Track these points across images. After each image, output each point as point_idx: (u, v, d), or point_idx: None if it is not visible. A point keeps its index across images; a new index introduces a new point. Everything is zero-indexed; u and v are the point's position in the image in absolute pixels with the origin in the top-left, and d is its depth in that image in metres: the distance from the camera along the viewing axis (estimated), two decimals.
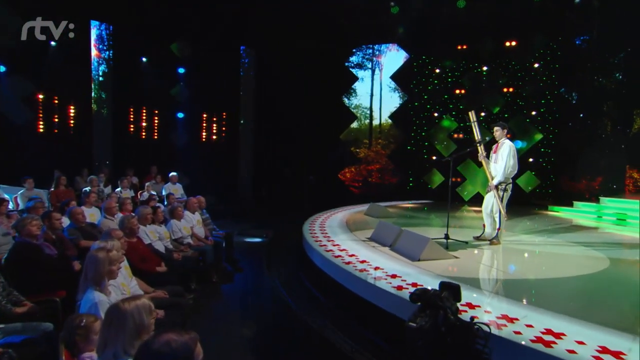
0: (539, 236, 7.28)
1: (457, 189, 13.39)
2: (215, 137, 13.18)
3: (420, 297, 3.06)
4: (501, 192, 6.11)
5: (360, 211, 9.67)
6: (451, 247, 5.70)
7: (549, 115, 12.94)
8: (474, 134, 6.30)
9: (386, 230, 6.26)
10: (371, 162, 18.44)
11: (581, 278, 4.71)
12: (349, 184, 16.87)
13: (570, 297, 4.15)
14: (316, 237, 6.52)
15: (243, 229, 9.18)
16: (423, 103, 14.30)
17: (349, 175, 17.66)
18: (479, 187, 13.20)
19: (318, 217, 8.65)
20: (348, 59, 16.61)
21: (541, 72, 12.87)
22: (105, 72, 12.79)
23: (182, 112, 12.18)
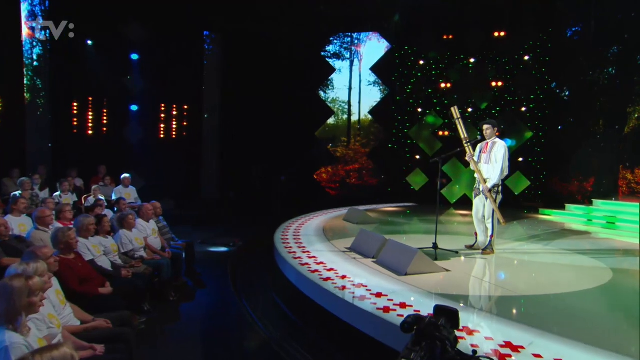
0: (533, 243, 7.26)
1: (443, 191, 13.41)
2: (175, 133, 12.70)
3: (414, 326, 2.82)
4: (494, 195, 6.04)
5: (339, 216, 9.55)
6: (441, 258, 5.60)
7: (539, 111, 13.10)
8: (459, 132, 6.23)
9: (368, 240, 6.08)
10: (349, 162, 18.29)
11: (587, 293, 4.59)
12: (325, 186, 16.72)
13: (578, 316, 4.01)
14: (289, 247, 6.28)
15: (207, 237, 8.92)
16: (406, 97, 14.28)
17: (325, 175, 17.42)
18: (465, 188, 13.23)
19: (292, 223, 8.47)
20: (324, 48, 16.38)
21: (531, 65, 13.00)
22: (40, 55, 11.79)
23: (135, 105, 11.62)
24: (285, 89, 13.55)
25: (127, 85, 11.47)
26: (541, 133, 13.07)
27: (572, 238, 7.95)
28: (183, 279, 5.99)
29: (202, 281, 6.27)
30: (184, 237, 7.03)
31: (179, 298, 5.52)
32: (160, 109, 12.54)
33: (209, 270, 6.74)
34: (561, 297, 4.43)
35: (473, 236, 6.48)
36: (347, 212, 9.35)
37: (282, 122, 13.65)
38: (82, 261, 4.16)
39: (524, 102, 13.18)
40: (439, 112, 13.96)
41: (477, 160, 6.20)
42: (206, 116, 13.52)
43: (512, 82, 13.22)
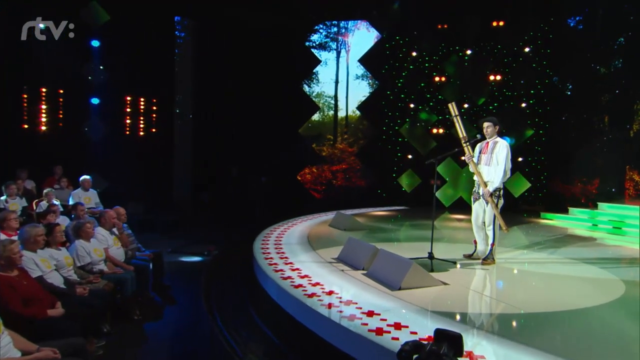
0: (536, 252, 7.22)
1: (436, 193, 13.28)
2: (143, 129, 12.35)
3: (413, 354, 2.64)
4: (496, 199, 5.95)
5: (324, 222, 9.46)
6: (437, 269, 5.51)
7: (540, 107, 13.10)
8: (457, 130, 6.15)
9: (357, 249, 5.94)
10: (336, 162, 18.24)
11: (600, 309, 4.48)
12: (309, 188, 16.70)
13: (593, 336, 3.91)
14: (270, 258, 6.10)
15: (178, 245, 8.76)
16: (397, 92, 14.21)
17: (310, 176, 17.49)
18: (461, 190, 13.23)
19: (273, 230, 8.34)
20: (309, 37, 16.29)
21: (531, 57, 13.02)
22: None
23: (97, 97, 11.22)
24: (265, 82, 13.38)
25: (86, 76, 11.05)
26: (542, 131, 13.09)
27: (578, 245, 7.92)
28: (150, 295, 5.76)
29: (171, 296, 6.06)
30: (152, 247, 6.81)
31: (145, 316, 5.29)
32: (126, 103, 12.16)
33: (180, 284, 6.56)
34: (572, 315, 4.31)
35: (471, 244, 6.39)
36: (333, 217, 9.27)
37: (263, 118, 13.50)
38: (28, 278, 3.88)
39: (523, 98, 13.18)
40: (433, 107, 13.92)
41: (476, 161, 6.11)
42: (177, 111, 13.25)
43: (511, 75, 13.23)
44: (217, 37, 12.91)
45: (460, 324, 3.97)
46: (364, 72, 18.88)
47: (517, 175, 12.86)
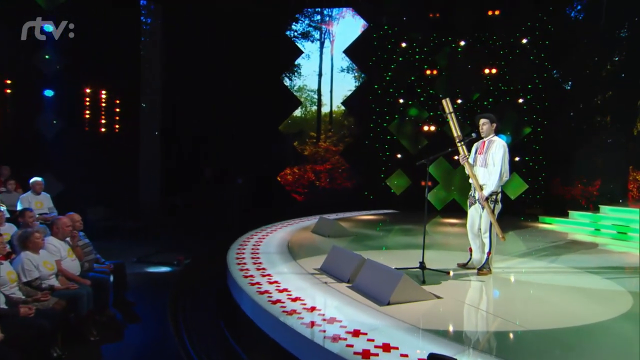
0: (536, 260, 7.20)
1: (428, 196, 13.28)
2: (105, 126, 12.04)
3: None
4: (492, 204, 5.90)
5: (306, 227, 9.46)
6: (429, 281, 5.46)
7: (538, 103, 13.19)
8: (451, 129, 6.12)
9: (342, 259, 5.85)
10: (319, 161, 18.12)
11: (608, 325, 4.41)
12: (291, 190, 16.57)
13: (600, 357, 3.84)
14: (246, 270, 5.97)
15: (145, 254, 8.49)
16: (385, 86, 14.24)
17: (291, 178, 17.25)
18: (455, 192, 13.26)
19: (250, 237, 8.27)
20: (290, 26, 16.09)
21: (529, 49, 13.10)
22: None
23: (51, 89, 10.85)
24: (242, 74, 13.29)
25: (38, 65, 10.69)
26: (540, 128, 13.19)
27: (580, 252, 7.94)
28: (110, 312, 5.52)
29: (134, 313, 5.84)
30: (114, 257, 6.54)
31: (103, 337, 5.05)
32: (85, 95, 11.82)
33: (145, 299, 6.32)
34: (577, 332, 4.24)
35: (466, 252, 6.38)
36: (316, 223, 9.24)
37: (239, 114, 13.41)
38: None
39: (520, 93, 13.27)
40: (424, 103, 13.94)
41: (472, 162, 6.07)
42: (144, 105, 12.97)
43: (508, 69, 13.29)
44: (188, 24, 12.69)
45: (455, 342, 3.88)
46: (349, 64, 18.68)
47: (514, 176, 12.91)
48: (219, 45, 12.87)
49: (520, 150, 13.02)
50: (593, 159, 11.80)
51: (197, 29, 12.67)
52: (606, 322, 4.47)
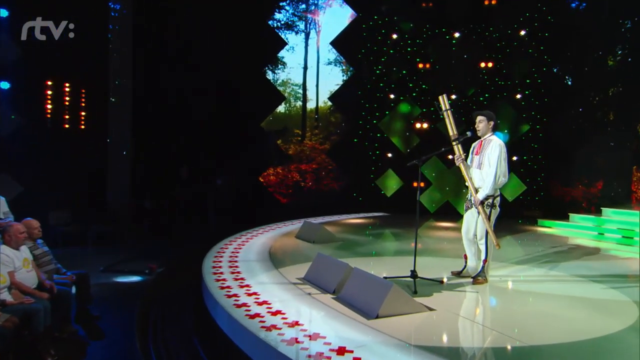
0: (535, 267, 7.19)
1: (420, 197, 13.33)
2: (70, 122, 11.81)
3: None
4: (488, 208, 5.85)
5: (290, 232, 9.48)
6: (421, 291, 5.41)
7: (537, 99, 13.27)
8: (447, 127, 6.08)
9: (327, 268, 5.78)
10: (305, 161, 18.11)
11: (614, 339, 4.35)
12: (274, 191, 16.61)
13: None
14: (223, 280, 5.86)
15: (113, 262, 8.32)
16: (375, 80, 14.27)
17: (274, 178, 17.36)
18: (449, 194, 13.34)
19: (228, 243, 8.23)
20: (273, 15, 16.03)
21: (527, 42, 13.18)
22: None
23: (6, 81, 10.62)
24: (222, 67, 13.19)
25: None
26: (539, 126, 13.29)
27: (582, 258, 7.96)
28: (71, 328, 5.35)
29: (99, 329, 5.62)
30: (79, 266, 6.46)
31: (63, 357, 4.87)
32: (46, 88, 11.56)
33: (112, 312, 6.13)
34: (582, 347, 4.18)
35: (461, 258, 6.34)
36: (300, 227, 9.26)
37: (218, 110, 13.37)
38: None
39: (518, 88, 13.35)
40: (416, 98, 13.97)
41: (469, 163, 6.05)
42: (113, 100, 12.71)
43: (505, 62, 13.36)
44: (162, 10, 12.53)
45: None
46: (336, 56, 18.89)
47: (511, 176, 12.96)
48: (196, 35, 12.74)
49: (518, 149, 13.08)
50: (595, 159, 11.89)
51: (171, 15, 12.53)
52: (612, 336, 4.41)
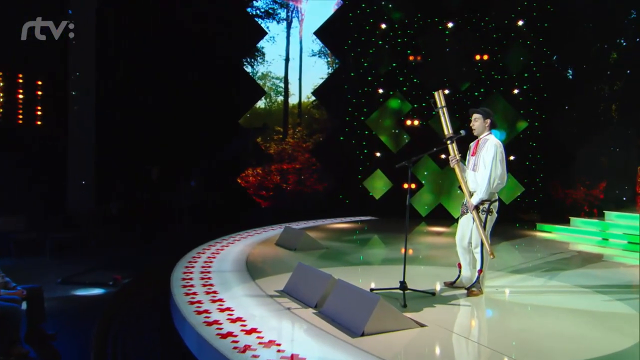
0: (533, 276, 7.19)
1: (411, 200, 13.56)
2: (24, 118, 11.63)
3: None
4: (483, 214, 5.81)
5: (270, 239, 9.39)
6: (411, 304, 5.36)
7: (536, 94, 13.33)
8: (442, 126, 6.05)
9: (309, 279, 5.71)
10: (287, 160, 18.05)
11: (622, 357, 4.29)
12: (253, 194, 16.65)
13: None
14: (193, 293, 5.73)
15: (73, 273, 8.06)
16: (362, 73, 14.28)
17: (254, 180, 17.39)
18: (442, 196, 13.39)
19: (201, 251, 8.13)
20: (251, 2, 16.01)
21: (525, 33, 13.22)
22: None
23: None
24: (195, 58, 13.17)
25: None
26: (538, 123, 13.35)
27: (584, 267, 7.99)
28: (21, 349, 5.14)
29: (54, 349, 5.44)
30: (34, 279, 6.23)
31: None
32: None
33: (69, 330, 5.89)
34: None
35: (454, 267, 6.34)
36: (281, 234, 9.23)
37: (192, 106, 13.32)
38: None
39: (516, 82, 13.40)
40: (407, 93, 13.99)
41: (465, 165, 6.02)
42: (74, 93, 12.53)
43: (501, 55, 13.41)
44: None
45: None
46: (321, 47, 18.92)
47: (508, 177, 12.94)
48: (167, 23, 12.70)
49: (515, 147, 13.12)
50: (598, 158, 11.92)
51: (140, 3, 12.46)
52: (621, 354, 4.36)
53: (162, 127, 13.07)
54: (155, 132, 13.01)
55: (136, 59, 12.62)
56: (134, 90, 12.69)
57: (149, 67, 12.66)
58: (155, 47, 12.79)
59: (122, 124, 12.79)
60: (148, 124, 12.92)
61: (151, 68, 12.57)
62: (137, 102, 12.75)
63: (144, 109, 12.85)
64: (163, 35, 12.70)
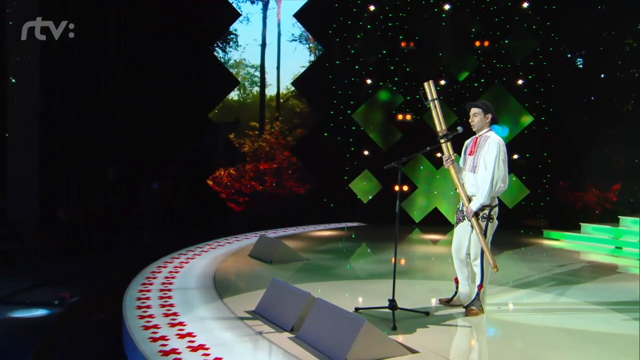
0: (540, 291, 7.16)
1: (402, 204, 13.68)
2: None
3: None
4: (483, 221, 5.74)
5: (243, 250, 9.38)
6: (402, 326, 5.30)
7: (542, 85, 13.39)
8: (434, 122, 5.98)
9: (284, 299, 5.61)
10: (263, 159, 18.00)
11: None
12: (225, 197, 16.65)
13: None
14: (149, 316, 5.59)
15: (10, 291, 7.93)
16: (349, 62, 14.32)
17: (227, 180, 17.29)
18: (437, 200, 13.41)
19: (163, 265, 8.03)
20: None
21: (531, 16, 13.25)
22: None
23: None
24: (158, 44, 13.12)
25: None
26: (544, 117, 13.41)
27: (597, 280, 7.99)
28: None
29: None
30: None
31: None
32: None
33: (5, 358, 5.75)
34: None
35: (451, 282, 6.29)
36: (255, 244, 9.19)
37: (155, 98, 13.27)
38: None
39: (520, 72, 13.44)
40: (398, 84, 14.00)
41: (461, 165, 5.97)
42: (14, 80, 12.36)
43: (504, 41, 13.43)
44: None
45: None
46: (302, 32, 18.83)
47: (511, 178, 13.03)
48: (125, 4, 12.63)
49: (519, 145, 13.18)
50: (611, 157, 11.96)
51: None
52: None
53: (120, 121, 12.99)
54: (112, 126, 12.91)
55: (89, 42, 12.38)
56: (86, 78, 12.54)
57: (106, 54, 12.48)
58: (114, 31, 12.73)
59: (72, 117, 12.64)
60: (104, 117, 12.82)
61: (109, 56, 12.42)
62: (90, 92, 12.64)
63: (100, 102, 12.75)
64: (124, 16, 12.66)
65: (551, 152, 13.25)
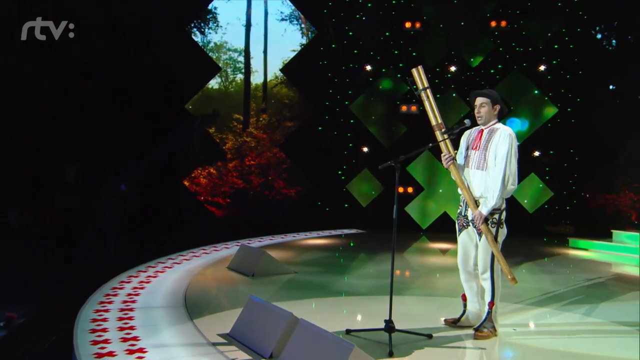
0: (564, 310, 7.07)
1: (407, 208, 13.66)
2: None
3: None
4: (493, 227, 5.66)
5: (222, 261, 9.41)
6: (399, 351, 5.23)
7: (568, 72, 13.43)
8: (428, 114, 6.02)
9: (262, 320, 5.53)
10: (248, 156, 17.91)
11: None
12: (205, 200, 16.74)
13: None
14: (105, 341, 5.47)
15: None
16: (346, 45, 14.39)
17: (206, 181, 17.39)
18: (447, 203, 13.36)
19: (127, 280, 7.97)
20: None
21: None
22: None
23: None
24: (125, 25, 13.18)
25: None
26: (570, 108, 13.43)
27: (630, 296, 7.86)
28: None
29: None
30: None
31: None
32: None
33: None
34: None
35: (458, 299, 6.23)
36: (234, 255, 9.20)
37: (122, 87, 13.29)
38: None
39: (542, 57, 13.48)
40: (403, 71, 13.92)
41: (462, 163, 5.92)
42: None
43: (524, 21, 13.45)
44: None
45: None
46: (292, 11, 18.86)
47: (532, 178, 13.02)
48: None
49: (541, 141, 13.28)
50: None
51: None
52: None
53: (82, 114, 12.98)
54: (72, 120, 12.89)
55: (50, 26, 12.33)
56: (44, 65, 12.60)
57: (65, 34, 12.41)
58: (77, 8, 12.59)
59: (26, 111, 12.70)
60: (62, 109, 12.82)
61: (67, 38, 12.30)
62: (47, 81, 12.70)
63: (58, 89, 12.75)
64: None
65: (578, 149, 13.31)
